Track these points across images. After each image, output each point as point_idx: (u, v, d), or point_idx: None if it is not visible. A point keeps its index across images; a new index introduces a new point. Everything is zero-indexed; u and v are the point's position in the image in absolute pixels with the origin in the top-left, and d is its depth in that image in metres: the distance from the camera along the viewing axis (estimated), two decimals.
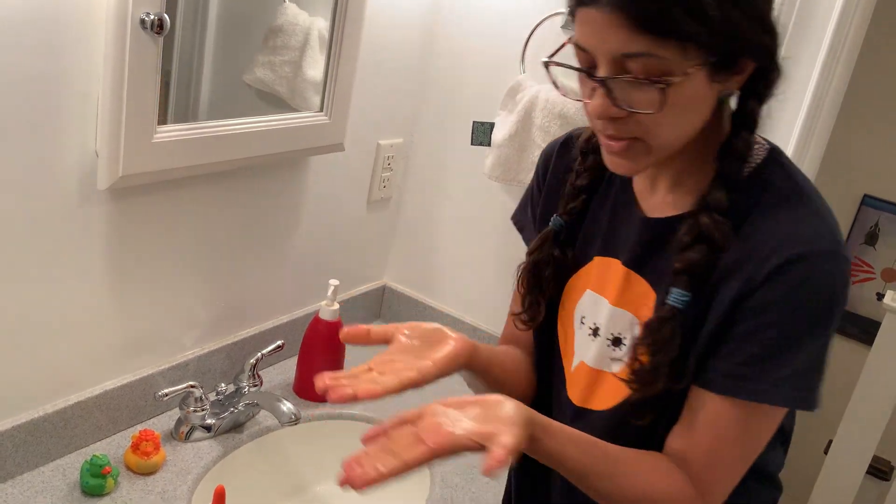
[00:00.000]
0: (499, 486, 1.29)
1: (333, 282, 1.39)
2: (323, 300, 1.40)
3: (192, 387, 1.24)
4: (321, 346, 1.41)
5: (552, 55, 0.83)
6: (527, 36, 1.47)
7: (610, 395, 0.91)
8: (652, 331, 0.82)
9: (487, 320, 1.66)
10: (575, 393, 0.95)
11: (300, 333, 1.44)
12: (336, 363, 1.43)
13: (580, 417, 0.93)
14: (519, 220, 1.07)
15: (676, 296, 0.81)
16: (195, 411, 1.25)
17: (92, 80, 1.02)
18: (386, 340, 0.82)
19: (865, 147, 2.40)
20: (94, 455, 1.11)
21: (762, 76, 0.79)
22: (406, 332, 0.82)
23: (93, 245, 1.12)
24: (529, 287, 0.97)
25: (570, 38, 0.79)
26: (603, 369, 0.91)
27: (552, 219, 0.96)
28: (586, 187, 0.94)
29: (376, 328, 0.82)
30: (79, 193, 1.07)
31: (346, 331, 0.82)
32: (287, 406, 1.24)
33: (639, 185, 0.91)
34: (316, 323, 1.41)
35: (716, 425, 0.82)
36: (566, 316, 0.97)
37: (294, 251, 1.50)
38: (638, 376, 0.83)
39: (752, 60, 0.77)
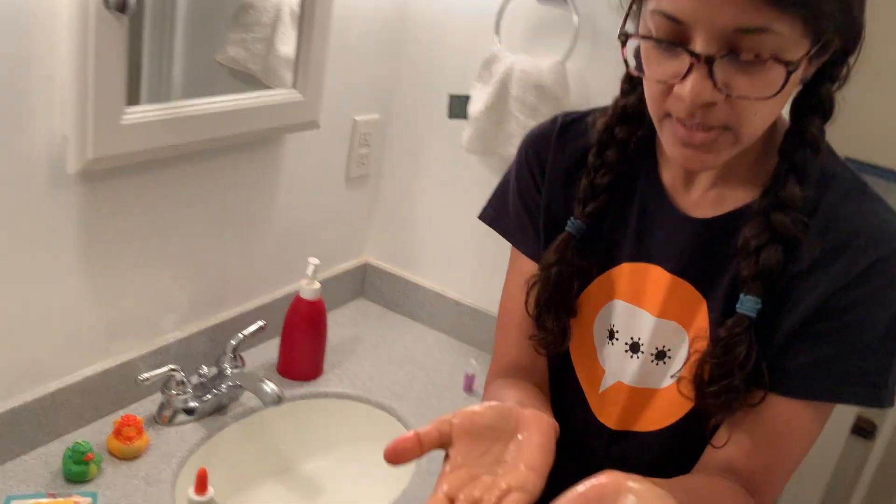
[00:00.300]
0: None
1: (313, 260, 1.38)
2: (303, 279, 1.39)
3: (174, 370, 1.23)
4: (303, 326, 1.41)
5: (623, 25, 0.72)
6: (500, 7, 1.45)
7: (661, 415, 0.83)
8: (725, 347, 0.73)
9: (470, 295, 1.65)
10: (610, 416, 0.86)
11: (282, 313, 1.43)
12: (318, 343, 1.43)
13: (619, 442, 0.86)
14: (503, 225, 0.94)
15: (749, 304, 0.73)
16: (177, 395, 1.25)
17: (56, 62, 1.00)
18: (442, 443, 0.63)
19: (847, 110, 2.41)
20: (75, 442, 1.11)
21: (843, 58, 0.72)
22: (457, 422, 0.63)
23: (65, 230, 1.10)
24: (552, 304, 0.85)
25: (633, 5, 0.71)
26: (650, 387, 0.83)
27: (570, 223, 0.84)
28: (608, 186, 0.83)
29: (425, 432, 0.62)
30: (49, 178, 1.05)
31: (392, 449, 0.61)
32: (270, 387, 1.23)
33: (669, 178, 0.82)
34: (297, 303, 1.40)
35: (783, 430, 0.76)
36: (582, 330, 0.87)
37: (272, 230, 1.48)
38: (719, 399, 0.74)
39: (841, 40, 0.69)
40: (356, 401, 1.42)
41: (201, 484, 0.87)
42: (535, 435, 0.63)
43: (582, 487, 0.53)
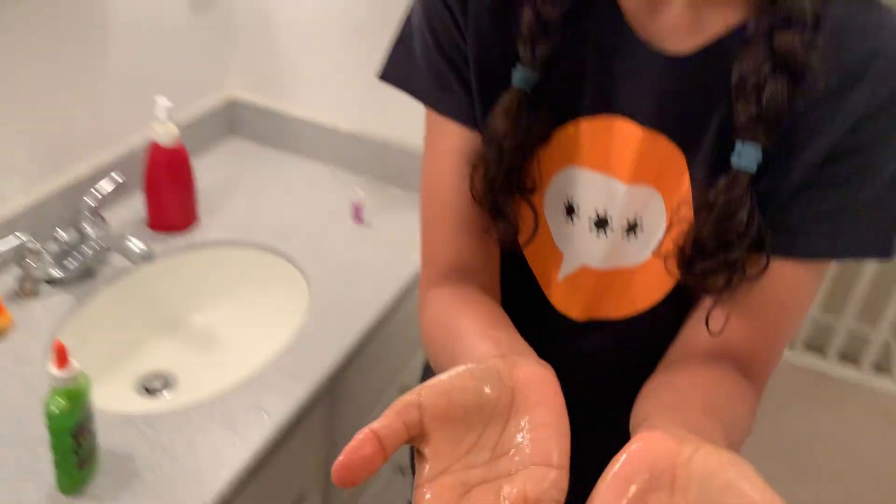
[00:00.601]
0: (378, 280, 1.26)
1: (162, 101, 1.24)
2: (156, 123, 1.26)
3: (24, 239, 1.12)
4: (165, 174, 1.29)
5: None
6: None
7: (637, 298, 0.71)
8: (722, 214, 0.60)
9: (350, 120, 1.55)
10: (573, 306, 0.74)
11: (141, 163, 1.31)
12: (186, 190, 1.32)
13: (586, 335, 0.75)
14: (417, 85, 0.72)
15: (749, 156, 0.59)
16: (34, 265, 1.14)
17: None
18: (411, 438, 0.43)
19: None
20: None
21: None
22: (427, 403, 0.43)
23: None
24: (510, 184, 0.68)
25: None
26: (623, 268, 0.71)
27: (516, 74, 0.65)
28: (560, 19, 0.64)
29: (383, 427, 0.41)
30: None
31: (344, 466, 0.40)
32: (136, 244, 1.14)
33: (630, 3, 0.64)
34: (154, 150, 1.27)
35: (784, 300, 0.65)
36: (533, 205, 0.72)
37: (112, 71, 1.32)
38: (715, 277, 0.62)
39: None
40: (238, 245, 1.34)
41: (61, 357, 0.79)
42: (542, 410, 0.44)
43: (618, 466, 0.39)
